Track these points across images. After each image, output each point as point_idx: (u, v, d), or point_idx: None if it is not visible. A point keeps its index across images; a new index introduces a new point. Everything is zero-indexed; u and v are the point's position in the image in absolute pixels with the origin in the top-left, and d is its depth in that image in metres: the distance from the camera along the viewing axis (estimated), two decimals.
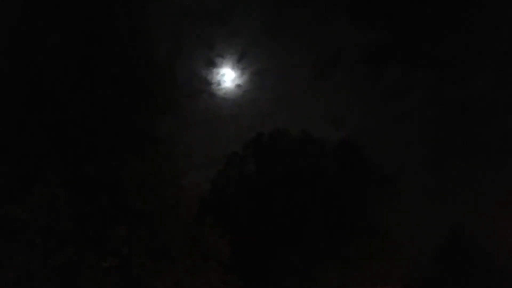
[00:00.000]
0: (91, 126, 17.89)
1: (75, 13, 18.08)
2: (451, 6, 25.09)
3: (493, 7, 24.73)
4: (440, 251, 35.86)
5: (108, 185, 17.73)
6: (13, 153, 16.64)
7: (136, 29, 19.94)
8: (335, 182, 27.86)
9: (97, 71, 18.35)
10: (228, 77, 26.39)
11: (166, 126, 20.69)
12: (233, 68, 26.34)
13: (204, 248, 19.80)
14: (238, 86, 27.11)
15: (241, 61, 27.00)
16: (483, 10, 24.84)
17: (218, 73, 25.51)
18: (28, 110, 17.14)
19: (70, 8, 18.01)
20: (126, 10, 19.67)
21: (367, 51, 27.19)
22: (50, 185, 16.25)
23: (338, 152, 29.17)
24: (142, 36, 20.05)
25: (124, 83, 18.93)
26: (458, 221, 29.83)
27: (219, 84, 25.63)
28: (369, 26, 26.37)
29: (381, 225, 27.89)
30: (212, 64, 25.15)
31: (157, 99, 20.02)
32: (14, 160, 16.57)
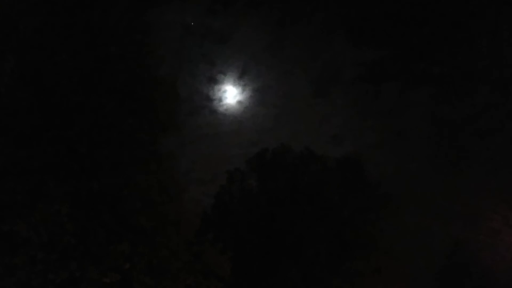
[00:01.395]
0: (94, 142, 18.03)
1: (81, 31, 18.39)
2: (450, 25, 25.57)
3: (493, 26, 25.20)
4: (442, 267, 35.68)
5: (111, 201, 17.81)
6: (17, 168, 16.71)
7: (140, 47, 20.27)
8: (336, 198, 27.96)
9: (101, 88, 18.57)
10: (229, 93, 26.74)
11: (168, 142, 20.87)
12: (234, 85, 26.70)
13: (205, 265, 19.76)
14: (239, 102, 27.43)
15: (242, 78, 27.35)
16: (483, 29, 25.31)
17: (219, 90, 25.85)
18: (32, 126, 17.28)
19: (76, 27, 18.33)
20: (131, 28, 20.02)
21: (366, 69, 27.54)
22: (53, 200, 16.30)
23: (339, 169, 29.32)
24: (145, 53, 20.37)
25: (127, 99, 19.15)
26: (459, 237, 29.81)
27: (220, 100, 25.95)
28: (368, 44, 26.80)
29: (382, 242, 27.87)
30: (213, 80, 25.50)
31: (159, 115, 20.23)
32: (18, 175, 16.63)
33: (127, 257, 17.42)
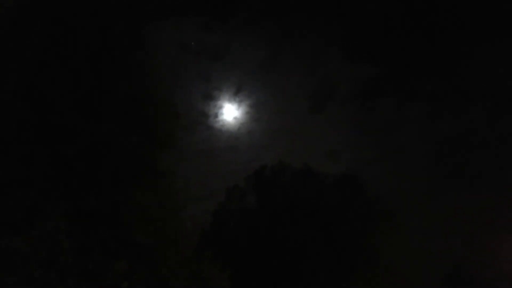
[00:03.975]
0: (93, 159, 17.98)
1: (82, 51, 18.53)
2: (446, 41, 25.93)
3: (490, 41, 25.56)
4: (443, 284, 35.32)
5: (109, 218, 17.67)
6: (16, 185, 16.62)
7: (137, 65, 20.38)
8: (335, 216, 27.80)
9: (101, 106, 18.62)
10: (225, 109, 26.80)
11: (166, 159, 20.80)
12: (230, 101, 26.77)
13: (205, 283, 19.52)
14: (235, 118, 27.48)
15: (238, 94, 27.47)
16: (479, 44, 25.65)
17: (215, 106, 25.90)
18: (32, 144, 17.26)
19: (77, 47, 18.48)
20: (129, 48, 20.18)
21: (361, 85, 27.77)
22: (51, 217, 16.17)
23: (338, 186, 29.22)
24: (143, 72, 20.46)
25: (126, 118, 19.19)
26: (460, 254, 29.58)
27: (216, 116, 25.98)
28: (363, 60, 27.08)
29: (382, 259, 27.60)
30: (209, 97, 25.60)
31: (157, 133, 20.24)
32: (17, 192, 16.53)
33: (125, 276, 17.19)
